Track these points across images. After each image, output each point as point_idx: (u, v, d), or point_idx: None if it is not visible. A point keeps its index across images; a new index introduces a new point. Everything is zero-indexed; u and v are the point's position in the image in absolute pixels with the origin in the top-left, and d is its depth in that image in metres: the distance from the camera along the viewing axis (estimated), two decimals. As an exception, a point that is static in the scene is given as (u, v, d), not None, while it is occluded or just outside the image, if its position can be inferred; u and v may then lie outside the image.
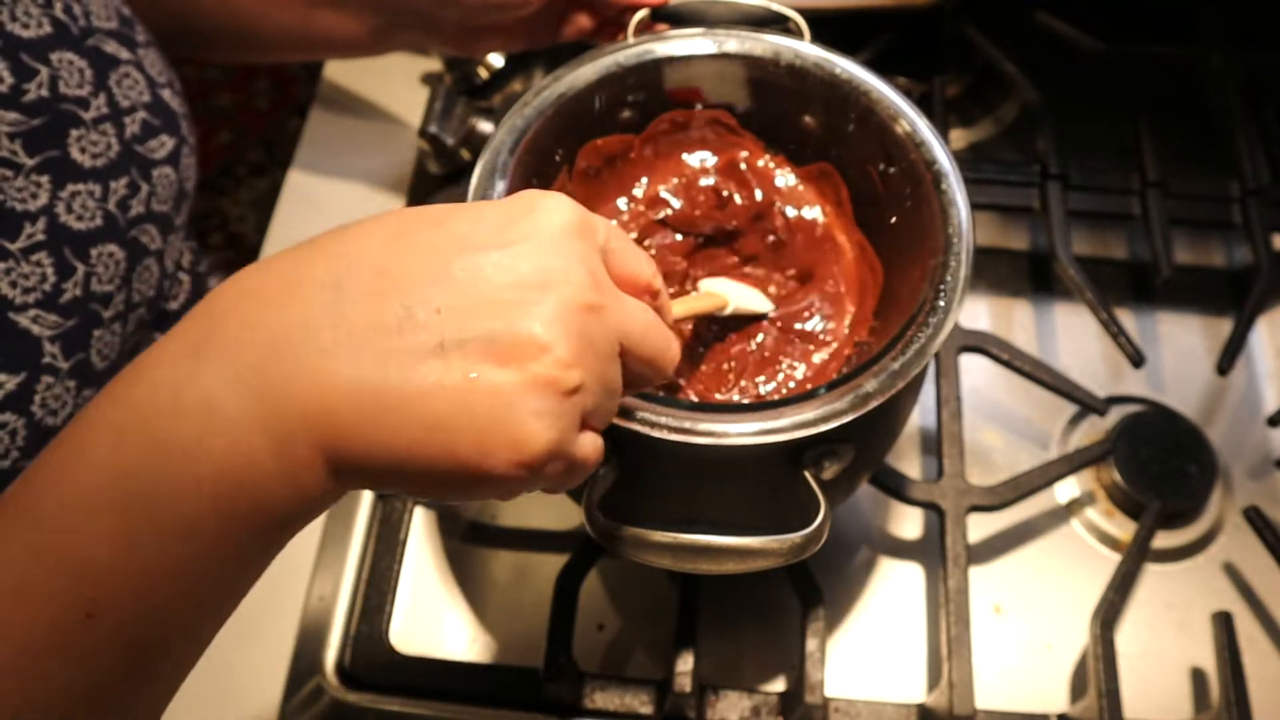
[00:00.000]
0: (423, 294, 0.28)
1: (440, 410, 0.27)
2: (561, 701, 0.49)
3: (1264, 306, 0.63)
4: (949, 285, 0.40)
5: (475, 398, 0.28)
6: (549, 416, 0.28)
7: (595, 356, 0.30)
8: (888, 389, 0.38)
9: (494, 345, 0.28)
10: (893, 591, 0.55)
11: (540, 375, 0.28)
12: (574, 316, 0.29)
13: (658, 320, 0.33)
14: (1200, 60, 0.71)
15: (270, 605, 0.54)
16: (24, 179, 0.43)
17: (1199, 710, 0.52)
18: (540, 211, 0.30)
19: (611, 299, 0.31)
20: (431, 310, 0.28)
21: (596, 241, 0.31)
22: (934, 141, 0.44)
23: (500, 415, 0.28)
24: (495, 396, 0.28)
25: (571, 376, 0.28)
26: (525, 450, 0.28)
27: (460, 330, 0.28)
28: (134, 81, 0.48)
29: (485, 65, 0.71)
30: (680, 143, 0.52)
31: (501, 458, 0.28)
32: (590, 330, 0.29)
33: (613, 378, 0.31)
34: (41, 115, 0.43)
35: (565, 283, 0.29)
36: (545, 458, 0.28)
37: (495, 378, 0.28)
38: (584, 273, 0.30)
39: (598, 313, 0.30)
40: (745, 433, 0.37)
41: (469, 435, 0.28)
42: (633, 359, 0.32)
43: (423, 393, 0.27)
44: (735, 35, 0.48)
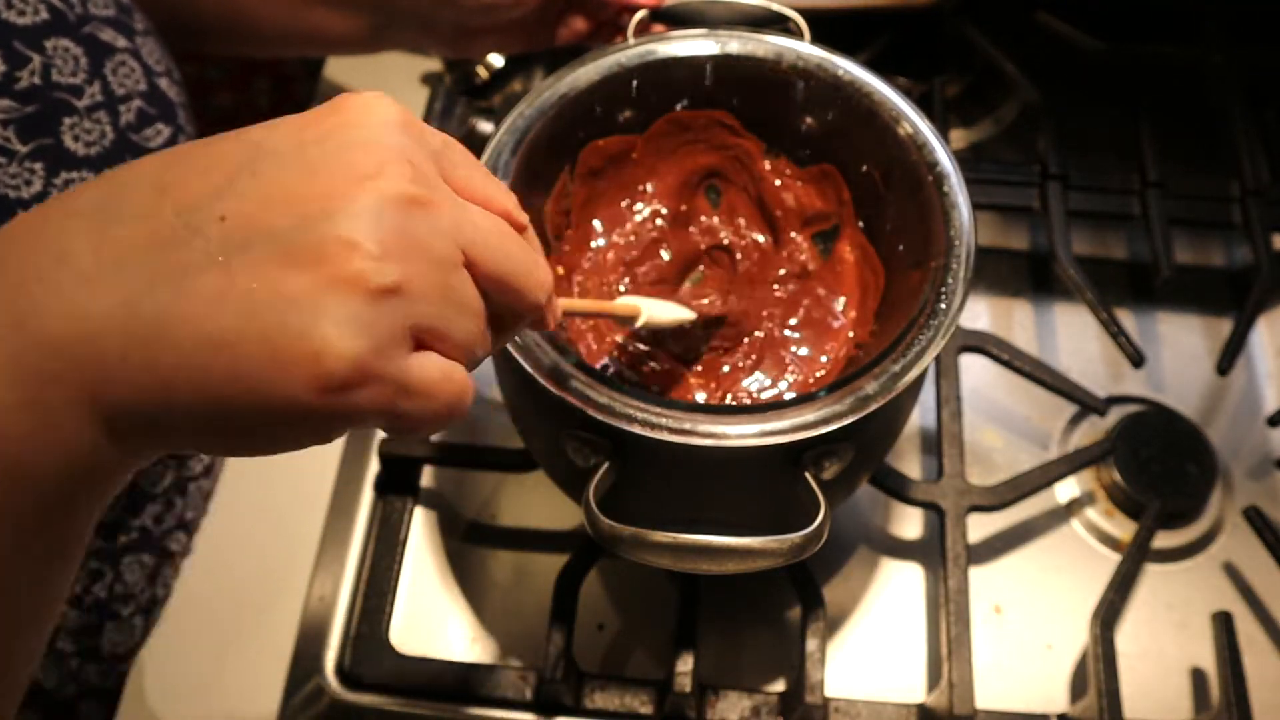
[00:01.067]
0: (204, 205, 0.24)
1: (221, 326, 0.23)
2: (561, 701, 0.49)
3: (1264, 306, 0.63)
4: (950, 288, 0.40)
5: (263, 307, 0.23)
6: (354, 322, 0.24)
7: (424, 258, 0.25)
8: (888, 391, 0.38)
9: (286, 245, 0.24)
10: (893, 591, 0.55)
11: (344, 273, 0.23)
12: (389, 209, 0.24)
13: (510, 232, 0.28)
14: (1200, 60, 0.71)
15: (270, 605, 0.54)
16: (17, 166, 0.42)
17: (1199, 710, 0.52)
18: (351, 110, 0.26)
19: (443, 196, 0.26)
20: (214, 218, 0.24)
21: (426, 142, 0.27)
22: (936, 143, 0.44)
23: (293, 324, 0.23)
24: (287, 302, 0.23)
25: (384, 273, 0.24)
26: (326, 362, 0.23)
27: (247, 235, 0.24)
28: (130, 70, 0.48)
29: (485, 65, 0.71)
30: (682, 143, 0.52)
31: (298, 375, 0.23)
32: (414, 226, 0.25)
33: (457, 288, 0.26)
34: (34, 103, 0.43)
35: (379, 174, 0.25)
36: (354, 374, 0.24)
37: (288, 282, 0.23)
38: (401, 164, 0.25)
39: (424, 207, 0.25)
40: (746, 434, 0.37)
41: (256, 349, 0.23)
42: (483, 275, 0.27)
43: (200, 309, 0.23)
44: (737, 36, 0.48)
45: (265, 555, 0.55)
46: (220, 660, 0.52)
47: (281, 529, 0.56)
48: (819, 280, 0.51)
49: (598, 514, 0.36)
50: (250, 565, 0.55)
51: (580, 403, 0.37)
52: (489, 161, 0.43)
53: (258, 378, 0.23)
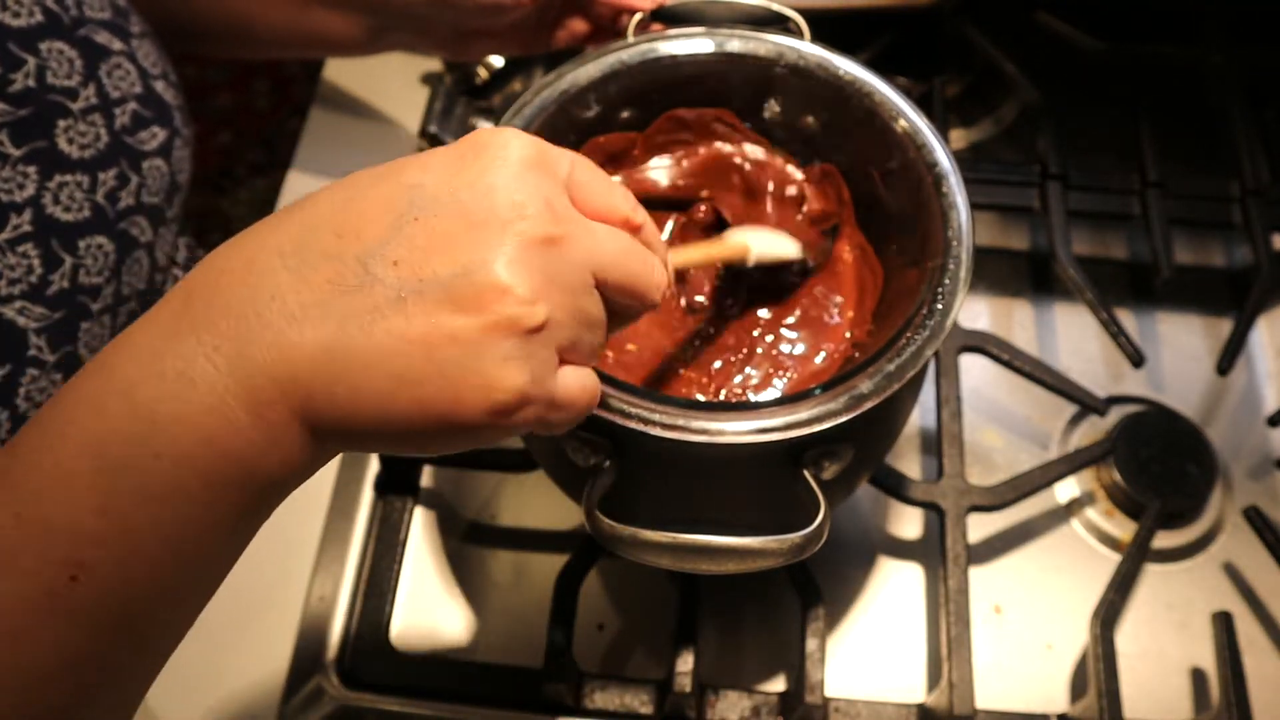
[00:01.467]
0: (379, 249, 0.28)
1: (404, 363, 0.28)
2: (561, 701, 0.49)
3: (1264, 306, 0.63)
4: (947, 288, 0.40)
5: (438, 348, 0.27)
6: (516, 359, 0.28)
7: (562, 290, 0.29)
8: (883, 390, 0.38)
9: (452, 292, 0.28)
10: (893, 591, 0.55)
11: (502, 317, 0.28)
12: (532, 252, 0.28)
13: (633, 244, 0.32)
14: (1200, 60, 0.71)
15: (270, 605, 0.54)
16: (10, 169, 0.42)
17: (1199, 710, 0.52)
18: (491, 149, 0.30)
19: (575, 228, 0.30)
20: (388, 264, 0.28)
21: (557, 174, 0.31)
22: (935, 144, 0.44)
23: (465, 363, 0.28)
24: (458, 344, 0.28)
25: (535, 314, 0.28)
26: (496, 395, 0.28)
27: (418, 281, 0.28)
28: (125, 72, 0.48)
29: (485, 65, 0.71)
30: (683, 142, 0.52)
31: (473, 405, 0.28)
32: (552, 264, 0.29)
33: (587, 309, 0.30)
34: (28, 105, 0.43)
35: (520, 218, 0.29)
36: (519, 400, 0.28)
37: (456, 325, 0.28)
38: (540, 205, 0.29)
39: (559, 244, 0.29)
40: (743, 431, 0.37)
41: (436, 385, 0.28)
42: (610, 288, 0.31)
43: (386, 348, 0.27)
44: (738, 35, 0.48)
45: (265, 555, 0.55)
46: (220, 660, 0.52)
47: (281, 529, 0.55)
48: (817, 279, 0.51)
49: (598, 514, 0.36)
50: (250, 565, 0.55)
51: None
52: None
53: (440, 408, 0.28)
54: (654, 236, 0.34)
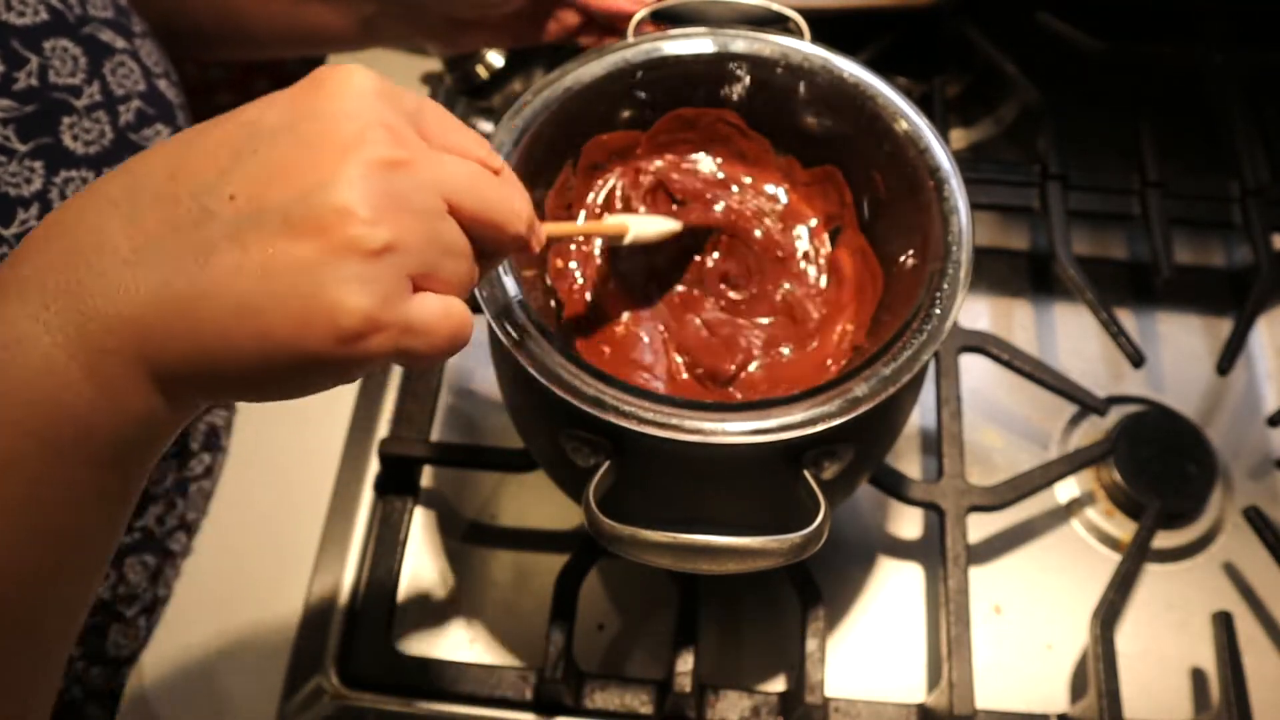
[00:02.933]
0: (214, 185, 0.27)
1: (243, 294, 0.27)
2: (561, 701, 0.49)
3: (1264, 306, 0.63)
4: (945, 293, 0.40)
5: (277, 275, 0.27)
6: (360, 281, 0.27)
7: (410, 214, 0.28)
8: (879, 393, 0.38)
9: (290, 218, 0.27)
10: (893, 591, 0.55)
11: (342, 239, 0.27)
12: (374, 174, 0.28)
13: (489, 175, 0.31)
14: (1200, 60, 0.71)
15: (270, 605, 0.54)
16: (17, 164, 0.43)
17: (1199, 710, 0.52)
18: (332, 82, 0.29)
19: (422, 154, 0.29)
20: (224, 199, 0.27)
21: (401, 105, 0.30)
22: (937, 146, 0.44)
23: (306, 289, 0.27)
24: (297, 270, 0.27)
25: (376, 235, 0.27)
26: (341, 319, 0.27)
27: (255, 213, 0.27)
28: (129, 70, 0.48)
29: (485, 65, 0.71)
30: (687, 141, 0.52)
31: (319, 332, 0.27)
32: (397, 185, 0.28)
33: (442, 234, 0.29)
34: (33, 102, 0.43)
35: (360, 143, 0.28)
36: (366, 325, 0.27)
37: (295, 252, 0.27)
38: (380, 130, 0.28)
39: (404, 167, 0.28)
40: (743, 431, 0.37)
41: (279, 314, 0.27)
42: (466, 217, 0.30)
43: (224, 282, 0.27)
44: (743, 35, 0.48)
45: (265, 555, 0.55)
46: (220, 660, 0.52)
47: (281, 529, 0.56)
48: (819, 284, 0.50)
49: (598, 514, 0.36)
50: (250, 565, 0.55)
51: (580, 401, 0.37)
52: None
53: (284, 337, 0.27)
54: (513, 180, 0.33)
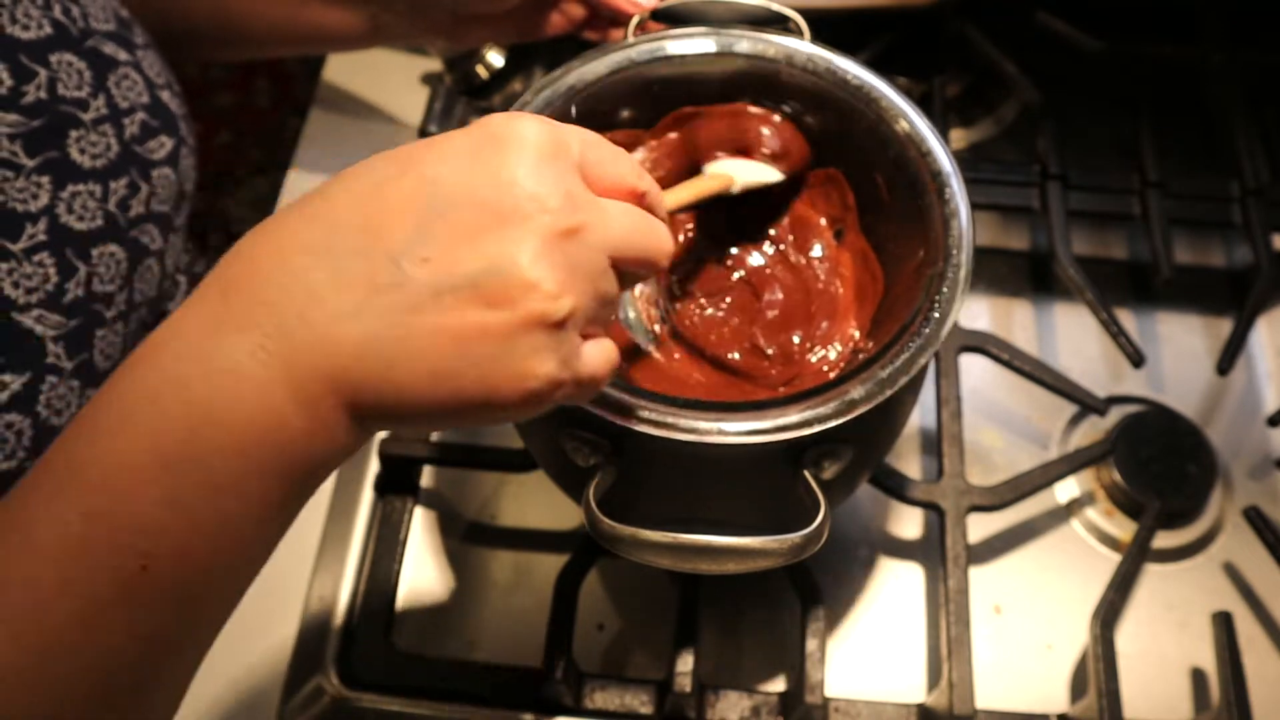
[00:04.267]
0: (408, 247, 0.29)
1: (440, 358, 0.29)
2: (561, 701, 0.49)
3: (1264, 306, 0.63)
4: (945, 296, 0.40)
5: (472, 343, 0.29)
6: (544, 350, 0.30)
7: (584, 278, 0.31)
8: (874, 396, 0.38)
9: (481, 288, 0.29)
10: (893, 591, 0.55)
11: (531, 312, 0.29)
12: (555, 245, 0.30)
13: (644, 217, 0.34)
14: (1200, 60, 0.71)
15: (270, 605, 0.54)
16: (24, 180, 0.43)
17: (1199, 710, 0.52)
18: (507, 140, 0.31)
19: (592, 214, 0.31)
20: (418, 261, 0.29)
21: (570, 158, 0.32)
22: (940, 150, 0.44)
23: (498, 356, 0.29)
24: (490, 339, 0.29)
25: (561, 307, 0.30)
26: (529, 383, 0.30)
27: (449, 279, 0.29)
28: (133, 83, 0.48)
29: (485, 65, 0.71)
30: (689, 139, 0.52)
31: (508, 393, 0.30)
32: (575, 254, 0.30)
33: (605, 289, 0.32)
34: (40, 117, 0.43)
35: (542, 211, 0.30)
36: (550, 387, 0.30)
37: (487, 320, 0.29)
38: (560, 196, 0.30)
39: (580, 233, 0.30)
40: (743, 431, 0.37)
41: (472, 378, 0.29)
42: (625, 263, 0.32)
43: (423, 345, 0.29)
44: (748, 36, 0.48)
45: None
46: (220, 660, 0.52)
47: (281, 529, 0.56)
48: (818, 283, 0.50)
49: (598, 514, 0.36)
50: (250, 565, 0.55)
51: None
52: None
53: (474, 396, 0.30)
54: (657, 199, 0.35)
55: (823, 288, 0.50)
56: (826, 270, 0.50)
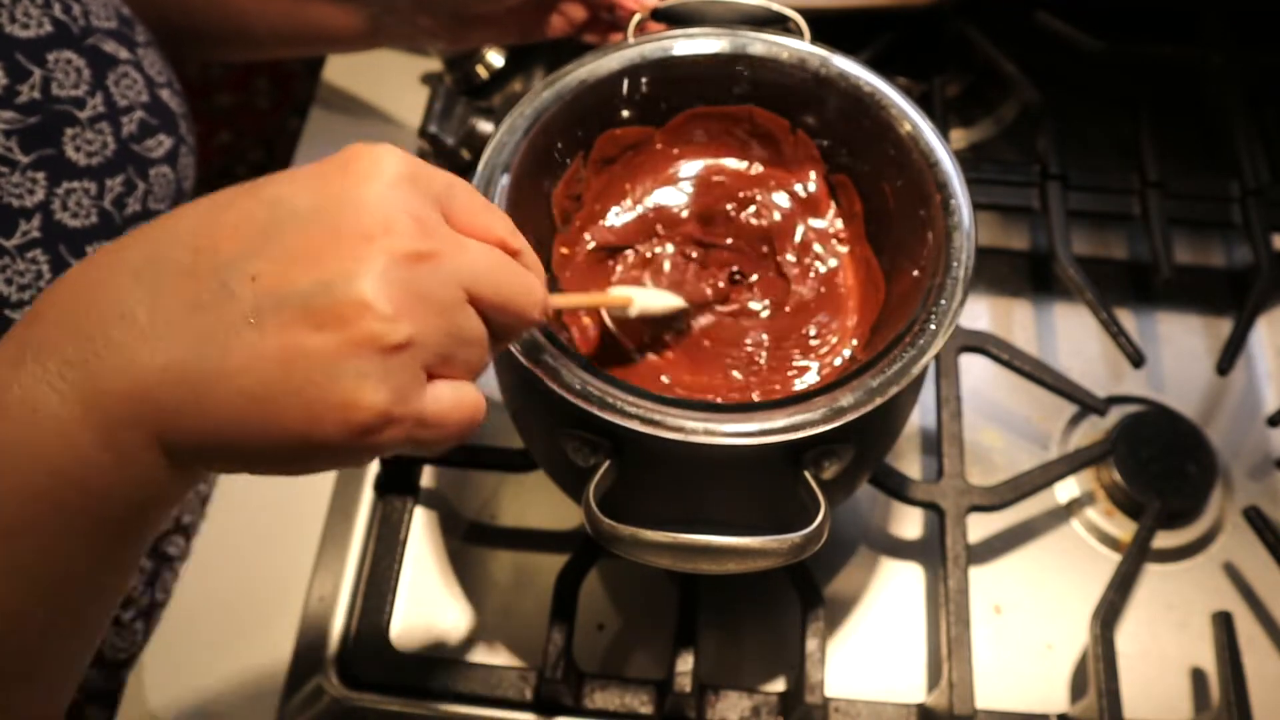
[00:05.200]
0: (237, 264, 0.27)
1: (259, 381, 0.27)
2: (561, 701, 0.49)
3: (1264, 306, 0.63)
4: (941, 309, 0.40)
5: (294, 365, 0.27)
6: (375, 377, 0.27)
7: (430, 307, 0.28)
8: (863, 405, 0.38)
9: (310, 307, 0.27)
10: (893, 591, 0.55)
11: (361, 334, 0.27)
12: (397, 268, 0.27)
13: (509, 262, 0.31)
14: (1200, 60, 0.71)
15: (270, 605, 0.54)
16: (20, 175, 0.43)
17: (1199, 710, 0.52)
18: (360, 163, 0.29)
19: (446, 244, 0.29)
20: (246, 279, 0.27)
21: (429, 190, 0.30)
22: (948, 162, 0.44)
23: (321, 381, 0.27)
24: (314, 361, 0.27)
25: (395, 331, 0.27)
26: (353, 413, 0.27)
27: (276, 297, 0.27)
28: (132, 81, 0.48)
29: (485, 65, 0.71)
30: (700, 138, 0.52)
31: (331, 424, 0.27)
32: (421, 280, 0.28)
33: (461, 326, 0.29)
34: (36, 114, 0.44)
35: (386, 233, 0.28)
36: (378, 420, 0.27)
37: (313, 342, 0.27)
38: (407, 220, 0.28)
39: (428, 260, 0.28)
40: (743, 432, 0.37)
41: (292, 404, 0.27)
42: (486, 305, 0.30)
43: (240, 366, 0.27)
44: (760, 38, 0.48)
45: (265, 556, 0.55)
46: (220, 660, 0.52)
47: (281, 529, 0.56)
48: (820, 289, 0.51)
49: (598, 514, 0.36)
50: (250, 566, 0.55)
51: (580, 401, 0.37)
52: (498, 138, 0.44)
53: (295, 426, 0.27)
54: (532, 261, 0.33)
55: (826, 295, 0.50)
56: (831, 278, 0.50)
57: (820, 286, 0.50)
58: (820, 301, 0.50)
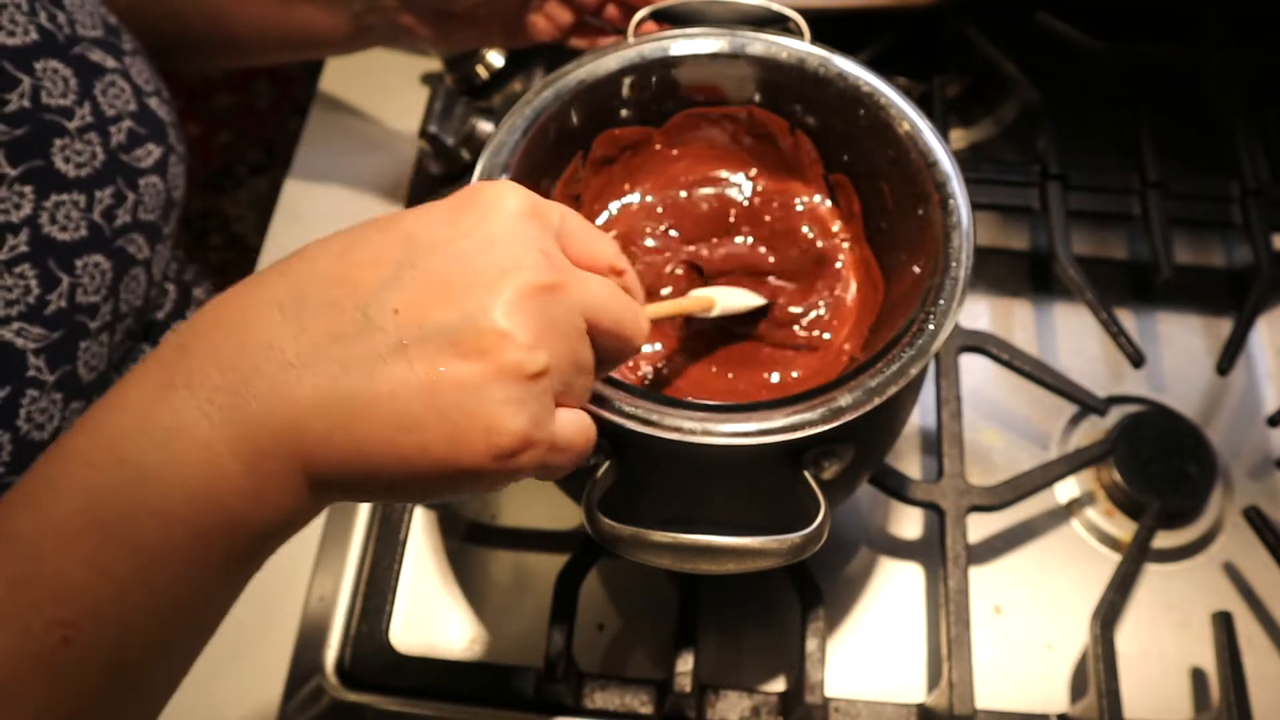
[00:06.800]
0: (378, 296, 0.28)
1: (407, 409, 0.28)
2: (561, 701, 0.49)
3: (1264, 306, 0.63)
4: (940, 309, 0.40)
5: (441, 393, 0.28)
6: (516, 403, 0.28)
7: (559, 336, 0.30)
8: (861, 405, 0.38)
9: (454, 339, 0.28)
10: (893, 591, 0.55)
11: (504, 363, 0.28)
12: (532, 300, 0.29)
13: (620, 292, 0.33)
14: (1200, 60, 0.71)
15: (270, 605, 0.54)
16: (6, 189, 0.42)
17: (1199, 710, 0.52)
18: (487, 200, 0.30)
19: (570, 276, 0.31)
20: (388, 311, 0.28)
21: (550, 224, 0.31)
22: (947, 162, 0.44)
23: (468, 408, 0.28)
24: (461, 390, 0.28)
25: (535, 360, 0.29)
26: (498, 439, 0.28)
27: (420, 328, 0.28)
28: (120, 90, 0.48)
29: (485, 65, 0.71)
30: (699, 138, 0.52)
31: (476, 450, 0.28)
32: (551, 311, 0.29)
33: (582, 354, 0.31)
34: (24, 125, 0.43)
35: (519, 268, 0.29)
36: (520, 444, 0.29)
37: (459, 371, 0.28)
38: (537, 254, 0.30)
39: (556, 292, 0.30)
40: (743, 432, 0.37)
41: (439, 431, 0.28)
42: (600, 333, 0.32)
43: (388, 394, 0.28)
44: (760, 38, 0.48)
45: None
46: (221, 660, 0.52)
47: (281, 529, 0.56)
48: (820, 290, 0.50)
49: (598, 514, 0.36)
50: (250, 565, 0.55)
51: (580, 402, 0.37)
52: (498, 139, 0.44)
53: (441, 452, 0.28)
54: (634, 283, 0.35)
55: (826, 294, 0.50)
56: (830, 277, 0.50)
57: (819, 288, 0.50)
58: (818, 302, 0.50)
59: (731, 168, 0.53)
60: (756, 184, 0.52)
